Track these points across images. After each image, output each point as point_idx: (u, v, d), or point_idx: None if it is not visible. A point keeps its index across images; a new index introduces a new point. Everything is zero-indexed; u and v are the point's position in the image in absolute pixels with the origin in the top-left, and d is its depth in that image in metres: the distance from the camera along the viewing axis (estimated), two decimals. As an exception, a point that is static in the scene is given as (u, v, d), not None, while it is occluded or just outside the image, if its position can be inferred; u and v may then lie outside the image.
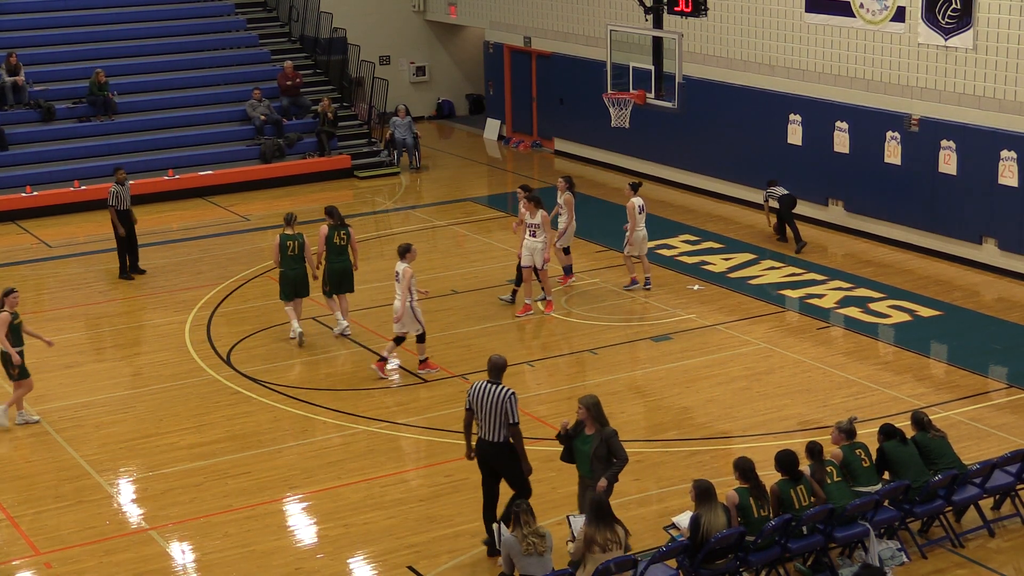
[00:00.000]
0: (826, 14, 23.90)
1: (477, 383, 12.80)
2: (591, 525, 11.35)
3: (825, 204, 24.63)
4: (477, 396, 12.67)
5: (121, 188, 22.22)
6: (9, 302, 16.34)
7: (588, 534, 11.33)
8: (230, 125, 29.84)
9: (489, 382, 12.71)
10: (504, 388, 12.62)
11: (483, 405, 12.61)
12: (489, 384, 12.69)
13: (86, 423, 16.63)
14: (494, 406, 12.55)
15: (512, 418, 12.51)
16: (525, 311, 19.90)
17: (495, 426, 12.58)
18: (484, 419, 12.64)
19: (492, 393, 12.59)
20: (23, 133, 28.14)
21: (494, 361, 12.84)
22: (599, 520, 11.35)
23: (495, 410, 12.55)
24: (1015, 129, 20.99)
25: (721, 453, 15.32)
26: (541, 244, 19.55)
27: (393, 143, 30.45)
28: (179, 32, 31.87)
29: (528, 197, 19.83)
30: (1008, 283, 21.27)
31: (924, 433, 13.32)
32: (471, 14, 34.06)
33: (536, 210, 19.56)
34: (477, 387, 12.73)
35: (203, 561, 13.25)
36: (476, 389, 12.71)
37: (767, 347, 18.62)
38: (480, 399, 12.64)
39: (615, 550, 11.31)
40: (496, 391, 12.59)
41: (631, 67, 20.74)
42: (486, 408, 12.59)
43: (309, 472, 15.12)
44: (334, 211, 19.22)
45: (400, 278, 17.45)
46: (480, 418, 12.68)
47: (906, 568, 12.66)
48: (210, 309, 20.81)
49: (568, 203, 20.74)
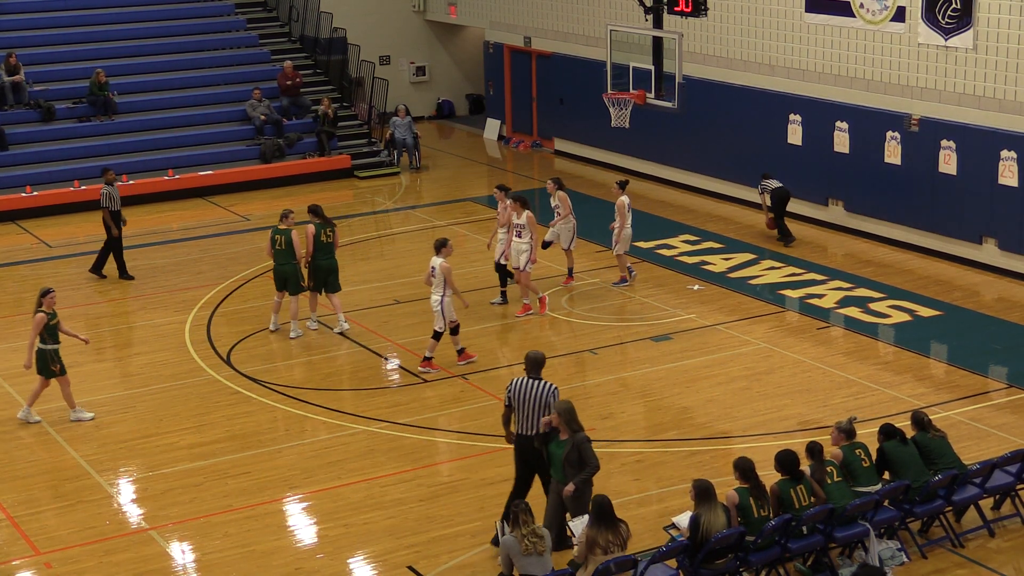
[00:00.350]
0: (826, 14, 23.91)
1: (516, 379, 12.83)
2: (593, 527, 11.35)
3: (825, 204, 24.63)
4: (517, 392, 12.71)
5: (112, 189, 22.21)
6: (46, 302, 16.47)
7: (590, 536, 11.34)
8: (230, 125, 29.85)
9: (529, 377, 12.76)
10: (545, 383, 12.71)
11: (524, 400, 12.65)
12: (529, 380, 12.74)
13: (86, 423, 16.63)
14: (536, 401, 12.60)
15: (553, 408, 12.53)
16: (525, 311, 19.89)
17: (536, 421, 12.61)
18: (525, 414, 12.69)
19: (533, 388, 12.65)
20: (23, 133, 28.15)
21: (533, 357, 12.90)
22: (601, 522, 11.35)
23: (536, 405, 12.60)
24: (1015, 129, 20.99)
25: (721, 453, 15.32)
26: (527, 245, 19.54)
27: (393, 143, 30.45)
28: (179, 32, 31.89)
29: (514, 197, 19.88)
30: (1008, 283, 21.27)
31: (924, 433, 13.32)
32: (471, 14, 34.06)
33: (522, 211, 19.57)
34: (517, 383, 12.75)
35: (203, 561, 13.25)
36: (516, 385, 12.74)
37: (767, 347, 18.62)
38: (521, 394, 12.68)
39: (616, 552, 11.32)
40: (537, 386, 12.65)
41: (631, 67, 20.74)
42: (528, 403, 12.63)
43: (309, 472, 15.12)
44: (318, 210, 19.46)
45: (435, 273, 17.56)
46: (520, 413, 12.72)
47: (906, 568, 12.66)
48: (210, 309, 20.81)
49: (564, 201, 20.75)
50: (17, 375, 18.30)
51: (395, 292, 21.16)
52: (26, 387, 17.87)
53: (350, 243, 24.63)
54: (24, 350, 19.28)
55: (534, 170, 30.36)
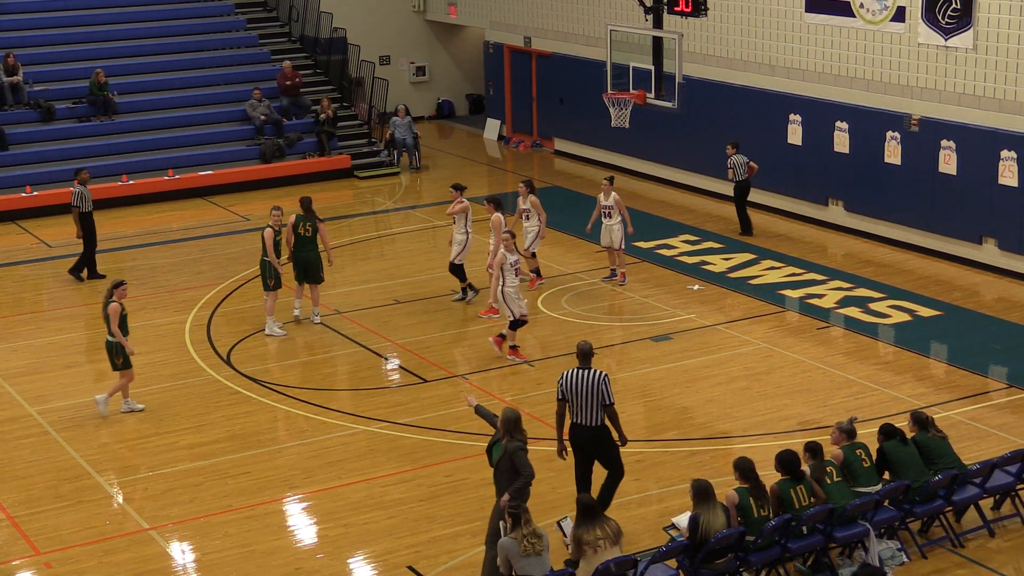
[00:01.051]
0: (826, 14, 23.91)
1: (567, 372, 12.92)
2: (579, 526, 11.44)
3: (825, 204, 24.63)
4: (570, 383, 12.83)
5: (84, 189, 22.22)
6: (118, 294, 16.58)
7: (576, 535, 11.42)
8: (230, 125, 29.85)
9: (579, 368, 12.90)
10: (597, 371, 12.88)
11: (578, 391, 12.79)
12: (580, 370, 12.88)
13: (86, 423, 16.63)
14: (590, 390, 12.74)
15: (608, 399, 12.77)
16: (490, 312, 19.95)
17: (592, 410, 12.78)
18: (580, 405, 12.81)
19: (586, 378, 12.79)
20: (23, 133, 28.15)
21: (582, 347, 13.07)
22: (586, 520, 11.42)
23: (591, 393, 12.74)
24: (1015, 129, 20.99)
25: (721, 453, 15.32)
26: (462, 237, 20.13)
27: (393, 143, 30.46)
28: (179, 32, 31.88)
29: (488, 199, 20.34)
30: (1008, 283, 21.28)
31: (925, 433, 13.32)
32: (471, 14, 34.07)
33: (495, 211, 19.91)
34: (568, 375, 12.88)
35: (203, 561, 13.25)
36: (568, 377, 12.87)
37: (767, 347, 18.62)
38: (574, 385, 12.80)
39: (608, 547, 11.32)
40: (589, 375, 12.81)
41: (631, 67, 20.74)
42: (582, 393, 12.77)
43: (309, 472, 15.12)
44: (306, 202, 19.61)
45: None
46: (575, 405, 12.84)
47: (906, 568, 12.66)
48: (210, 309, 20.81)
49: (536, 205, 20.72)
50: (17, 375, 18.32)
51: (395, 292, 21.16)
52: (27, 387, 17.90)
53: (350, 243, 24.65)
54: (23, 349, 19.36)
55: (534, 170, 30.36)
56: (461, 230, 20.30)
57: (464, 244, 20.30)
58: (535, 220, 20.80)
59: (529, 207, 20.79)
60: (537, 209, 20.76)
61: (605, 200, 20.95)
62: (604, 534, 11.35)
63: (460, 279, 20.58)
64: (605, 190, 21.01)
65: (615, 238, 21.00)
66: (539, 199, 21.02)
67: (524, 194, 20.85)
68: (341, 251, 23.99)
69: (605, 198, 20.98)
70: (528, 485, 11.98)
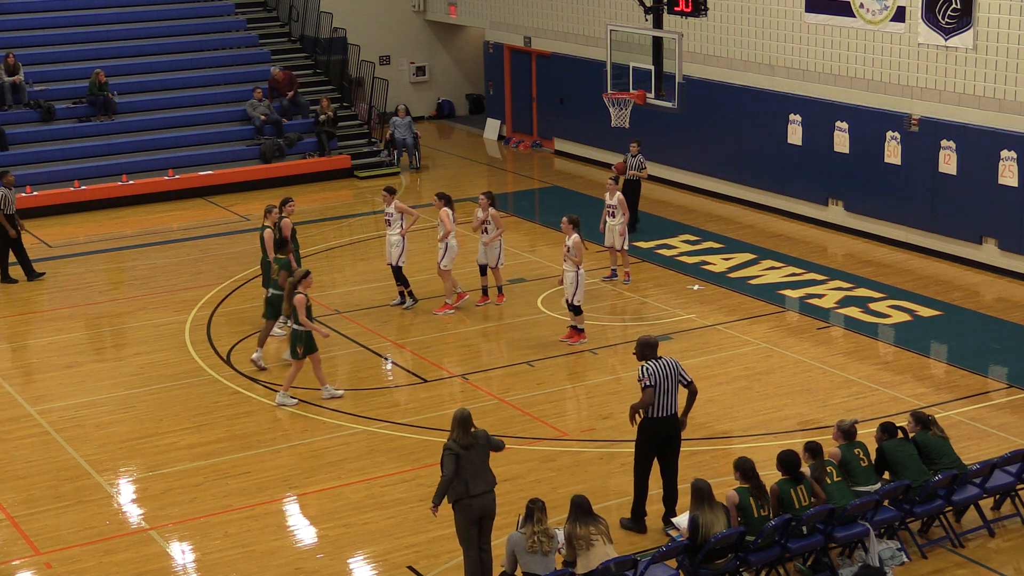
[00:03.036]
0: (826, 14, 23.91)
1: (650, 364, 13.10)
2: (571, 522, 11.54)
3: (825, 204, 24.63)
4: (659, 374, 13.09)
5: (8, 192, 22.22)
6: (304, 284, 16.74)
7: (568, 532, 11.53)
8: (230, 125, 29.85)
9: (656, 359, 13.21)
10: (668, 359, 13.26)
11: (664, 380, 13.10)
12: (660, 360, 13.20)
13: (86, 423, 16.63)
14: (672, 378, 13.14)
15: (686, 377, 13.23)
16: (444, 309, 20.04)
17: (672, 397, 13.16)
18: (664, 394, 13.12)
19: (666, 367, 13.15)
20: (23, 133, 28.15)
21: (649, 341, 13.34)
22: (577, 517, 11.51)
23: (673, 382, 13.15)
24: (1015, 129, 20.99)
25: (721, 453, 15.32)
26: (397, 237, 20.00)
27: (393, 143, 30.46)
28: (179, 32, 31.88)
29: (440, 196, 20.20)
30: (1008, 283, 21.28)
31: (925, 432, 13.32)
32: (471, 14, 34.07)
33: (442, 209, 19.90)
34: (656, 366, 13.09)
35: (203, 561, 13.25)
36: (656, 368, 13.07)
37: (767, 347, 18.63)
38: (660, 376, 13.09)
39: (602, 542, 11.41)
40: (666, 363, 13.17)
41: (631, 67, 20.74)
42: (667, 382, 13.11)
43: (309, 472, 15.12)
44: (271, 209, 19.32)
45: (571, 251, 18.32)
46: (662, 395, 13.10)
47: (906, 568, 12.66)
48: (210, 309, 20.81)
49: (496, 219, 20.12)
50: (17, 375, 18.33)
51: (395, 292, 21.14)
52: (27, 387, 17.90)
53: (350, 243, 24.66)
54: (23, 349, 19.36)
55: (534, 170, 30.36)
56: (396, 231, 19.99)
57: (402, 246, 20.01)
58: (494, 232, 20.09)
59: (488, 219, 20.10)
60: (496, 222, 20.13)
61: (609, 199, 20.93)
62: (597, 530, 11.42)
63: (403, 284, 20.43)
64: (610, 189, 20.99)
65: (617, 238, 21.00)
66: (499, 211, 20.47)
67: (484, 205, 20.16)
68: (342, 251, 24.03)
69: (610, 197, 20.95)
70: (444, 484, 11.94)
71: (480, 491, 12.00)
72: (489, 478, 12.12)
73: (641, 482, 13.40)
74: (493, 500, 12.13)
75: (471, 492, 11.95)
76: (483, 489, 12.03)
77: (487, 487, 12.06)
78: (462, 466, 11.93)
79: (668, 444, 13.33)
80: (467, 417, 12.07)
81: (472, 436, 12.03)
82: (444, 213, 19.95)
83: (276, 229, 18.87)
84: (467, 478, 11.94)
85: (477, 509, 11.99)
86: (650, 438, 13.24)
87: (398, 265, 20.19)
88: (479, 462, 12.03)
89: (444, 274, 20.15)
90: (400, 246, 20.07)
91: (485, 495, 12.04)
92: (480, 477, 12.02)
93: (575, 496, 11.81)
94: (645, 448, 13.33)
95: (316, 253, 23.53)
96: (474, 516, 12.02)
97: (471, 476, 11.96)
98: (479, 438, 12.08)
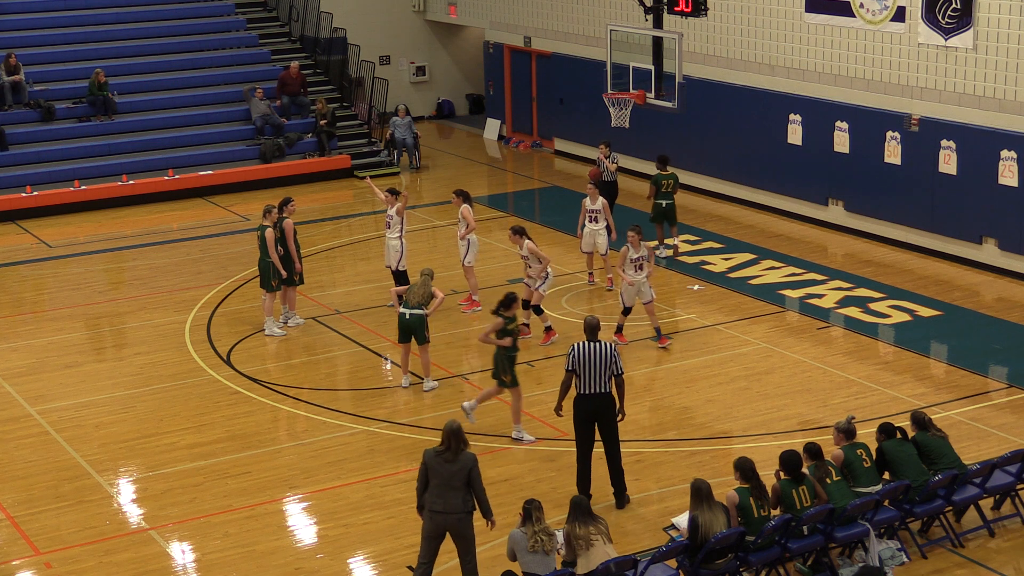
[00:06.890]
0: (826, 14, 23.91)
1: (577, 344, 13.72)
2: (570, 522, 11.58)
3: (825, 204, 24.63)
4: (581, 355, 13.63)
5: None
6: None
7: (566, 532, 11.56)
8: (230, 125, 29.85)
9: (589, 341, 13.74)
10: (606, 343, 13.76)
11: (589, 362, 13.60)
12: (589, 343, 13.70)
13: (86, 423, 16.64)
14: (600, 360, 13.60)
15: (618, 368, 13.67)
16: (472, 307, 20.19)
17: (602, 379, 13.63)
18: (590, 375, 13.63)
19: (596, 350, 13.62)
20: (23, 133, 28.15)
21: (591, 322, 13.96)
22: (577, 516, 11.55)
23: (601, 363, 13.60)
24: (1015, 129, 20.99)
25: (721, 453, 15.33)
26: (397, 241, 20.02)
27: (393, 143, 30.46)
28: (179, 32, 31.87)
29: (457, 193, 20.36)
30: (1008, 283, 21.28)
31: (924, 432, 13.33)
32: (471, 14, 34.07)
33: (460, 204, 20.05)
34: (579, 348, 13.67)
35: (203, 561, 13.25)
36: (578, 350, 13.66)
37: (767, 347, 18.63)
38: (585, 357, 13.61)
39: (602, 542, 11.42)
40: (600, 347, 13.67)
41: (631, 67, 20.74)
42: (592, 364, 13.60)
43: (309, 472, 15.12)
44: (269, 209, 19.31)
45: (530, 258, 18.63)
46: (584, 376, 13.63)
47: (906, 568, 12.66)
48: (210, 309, 20.81)
49: (468, 215, 19.96)
50: (17, 375, 18.32)
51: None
52: (27, 387, 17.89)
53: (350, 243, 24.66)
54: (23, 349, 19.36)
55: (534, 170, 30.36)
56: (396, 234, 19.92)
57: (401, 251, 19.95)
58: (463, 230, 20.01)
59: (462, 218, 20.00)
60: (467, 220, 19.97)
61: (592, 204, 20.83)
62: (597, 530, 11.44)
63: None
64: (592, 194, 20.90)
65: (600, 243, 20.90)
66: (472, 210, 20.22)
67: (458, 204, 20.11)
68: (342, 251, 24.03)
69: (592, 202, 20.85)
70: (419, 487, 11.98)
71: (438, 508, 11.74)
72: (452, 501, 11.70)
73: (581, 461, 13.93)
74: (458, 522, 11.74)
75: (430, 506, 11.79)
76: (440, 508, 11.73)
77: (445, 509, 11.72)
78: (430, 475, 11.76)
79: (602, 421, 13.77)
80: (456, 430, 11.78)
81: (453, 453, 11.70)
82: (465, 209, 20.06)
83: (277, 229, 18.94)
84: (432, 490, 11.77)
85: (436, 524, 11.76)
86: (579, 415, 13.79)
87: (398, 269, 20.12)
88: (449, 480, 11.66)
89: (468, 271, 20.21)
90: (399, 250, 20.00)
91: (444, 515, 11.72)
92: (441, 497, 11.71)
93: (575, 496, 11.85)
94: (578, 426, 13.87)
95: (316, 253, 23.53)
96: (432, 530, 11.80)
97: (434, 489, 11.74)
98: (463, 459, 11.72)
